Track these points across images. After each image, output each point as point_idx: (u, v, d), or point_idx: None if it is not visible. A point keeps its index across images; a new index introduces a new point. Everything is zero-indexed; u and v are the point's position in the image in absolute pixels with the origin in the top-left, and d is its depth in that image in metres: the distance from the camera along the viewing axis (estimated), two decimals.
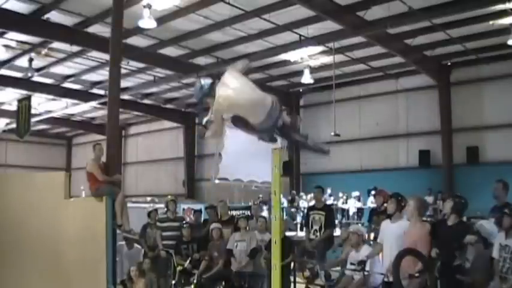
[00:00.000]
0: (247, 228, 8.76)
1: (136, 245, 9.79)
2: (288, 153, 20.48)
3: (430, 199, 17.58)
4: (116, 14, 10.10)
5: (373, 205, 12.05)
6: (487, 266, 5.81)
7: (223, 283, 8.66)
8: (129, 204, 9.44)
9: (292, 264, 7.99)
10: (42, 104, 24.97)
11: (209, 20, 15.15)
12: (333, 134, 17.97)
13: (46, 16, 14.77)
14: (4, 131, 27.62)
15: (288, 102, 23.31)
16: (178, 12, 14.52)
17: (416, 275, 5.37)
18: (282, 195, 5.65)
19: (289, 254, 7.58)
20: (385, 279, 6.12)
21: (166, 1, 13.49)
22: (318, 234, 8.73)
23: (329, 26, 15.01)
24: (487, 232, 6.13)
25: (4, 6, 14.00)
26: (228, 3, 13.60)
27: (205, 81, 4.55)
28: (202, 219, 10.68)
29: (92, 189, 8.28)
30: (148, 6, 13.25)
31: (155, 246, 9.37)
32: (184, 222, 9.64)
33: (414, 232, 5.86)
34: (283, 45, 16.88)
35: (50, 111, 26.20)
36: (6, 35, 16.39)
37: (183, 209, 16.85)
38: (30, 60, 18.22)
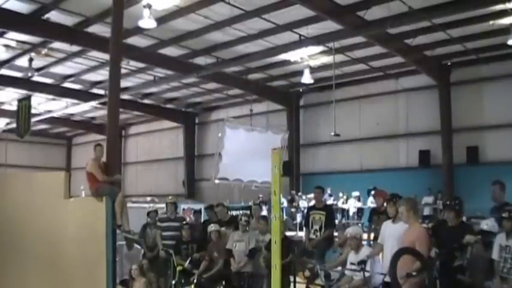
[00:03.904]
0: (247, 228, 8.74)
1: (136, 246, 9.79)
2: (288, 153, 20.50)
3: (430, 199, 17.61)
4: (116, 14, 10.09)
5: (373, 205, 12.04)
6: (486, 266, 5.81)
7: (223, 283, 8.66)
8: (129, 204, 9.43)
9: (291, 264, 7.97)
10: (42, 104, 24.99)
11: (209, 20, 15.14)
12: (333, 134, 17.97)
13: (46, 16, 14.77)
14: (4, 131, 27.62)
15: (288, 102, 23.36)
16: (178, 12, 14.52)
17: (414, 273, 5.36)
18: (282, 195, 5.65)
19: (289, 254, 7.57)
20: (385, 279, 6.12)
21: (166, 1, 13.49)
22: (318, 234, 8.73)
23: (329, 26, 15.01)
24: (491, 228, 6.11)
25: (4, 6, 14.00)
26: (228, 3, 13.60)
27: None
28: (203, 220, 10.69)
29: (92, 189, 8.27)
30: (148, 6, 13.24)
31: (154, 246, 9.37)
32: (184, 222, 9.63)
33: (412, 232, 5.86)
34: (283, 45, 16.88)
35: (50, 111, 26.22)
36: (6, 35, 16.40)
37: (183, 209, 16.85)
38: (30, 60, 18.22)
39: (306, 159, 23.20)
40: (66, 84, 22.26)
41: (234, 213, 12.76)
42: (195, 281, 8.35)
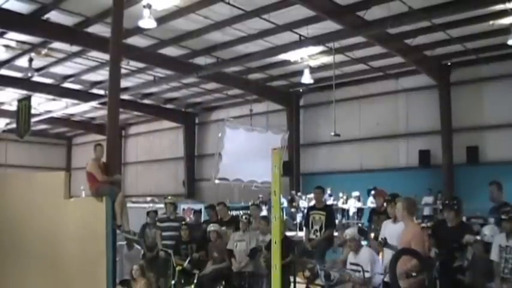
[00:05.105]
0: (248, 228, 8.75)
1: (136, 246, 9.79)
2: (288, 153, 20.50)
3: (430, 199, 17.61)
4: (116, 14, 10.09)
5: (373, 205, 12.05)
6: (487, 267, 5.81)
7: (223, 283, 8.65)
8: (129, 204, 9.43)
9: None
10: (42, 104, 24.99)
11: (209, 20, 15.15)
12: (333, 134, 17.98)
13: (46, 16, 14.77)
14: (4, 131, 27.63)
15: (288, 102, 23.37)
16: (178, 12, 14.53)
17: (414, 274, 5.36)
18: (282, 195, 5.64)
19: (289, 254, 7.57)
20: (385, 279, 6.12)
21: (166, 1, 13.50)
22: (319, 234, 8.73)
23: (329, 26, 15.01)
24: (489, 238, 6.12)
25: (4, 6, 14.00)
26: (228, 3, 13.61)
27: None
28: (203, 220, 10.67)
29: (92, 189, 8.25)
30: (148, 6, 13.25)
31: (154, 247, 9.36)
32: (183, 223, 9.61)
33: (408, 231, 5.86)
34: (283, 45, 16.88)
35: (50, 111, 26.23)
36: (6, 35, 16.40)
37: (183, 209, 16.85)
38: (30, 60, 18.22)
39: (306, 159, 23.20)
40: (66, 85, 22.26)
41: (234, 213, 12.75)
42: (195, 280, 8.35)
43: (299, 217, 17.95)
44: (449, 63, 18.70)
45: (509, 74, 17.57)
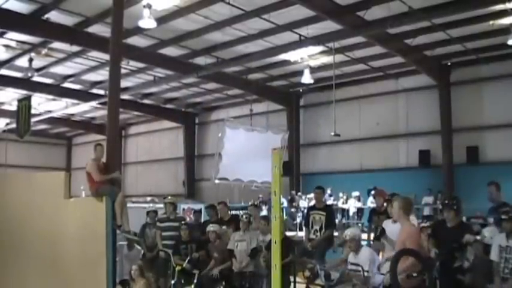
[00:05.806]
0: (248, 227, 8.75)
1: (136, 246, 9.78)
2: (288, 153, 20.50)
3: (430, 199, 17.61)
4: (116, 14, 10.08)
5: (373, 205, 12.05)
6: (487, 266, 5.81)
7: (224, 283, 8.65)
8: (128, 204, 9.41)
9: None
10: (42, 104, 25.00)
11: (209, 20, 15.15)
12: (333, 134, 17.99)
13: (46, 16, 14.79)
14: (4, 131, 27.60)
15: (288, 102, 23.37)
16: (178, 12, 14.54)
17: (414, 275, 5.36)
18: (282, 195, 5.64)
19: (289, 254, 7.57)
20: (385, 280, 6.11)
21: (166, 1, 13.51)
22: (319, 234, 8.73)
23: (329, 26, 15.01)
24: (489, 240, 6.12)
25: (4, 6, 14.01)
26: (228, 3, 13.61)
27: None
28: (203, 220, 10.65)
29: (92, 189, 8.24)
30: (148, 6, 13.25)
31: (154, 247, 9.36)
32: (183, 222, 9.60)
33: (403, 231, 5.87)
34: (283, 45, 16.89)
35: (50, 111, 26.24)
36: (6, 35, 16.41)
37: (183, 209, 16.84)
38: (30, 60, 18.23)
39: (306, 159, 23.21)
40: (66, 84, 22.27)
41: (234, 213, 12.73)
42: (195, 281, 8.34)
43: (299, 217, 17.95)
44: (449, 63, 18.70)
45: (509, 74, 17.57)
